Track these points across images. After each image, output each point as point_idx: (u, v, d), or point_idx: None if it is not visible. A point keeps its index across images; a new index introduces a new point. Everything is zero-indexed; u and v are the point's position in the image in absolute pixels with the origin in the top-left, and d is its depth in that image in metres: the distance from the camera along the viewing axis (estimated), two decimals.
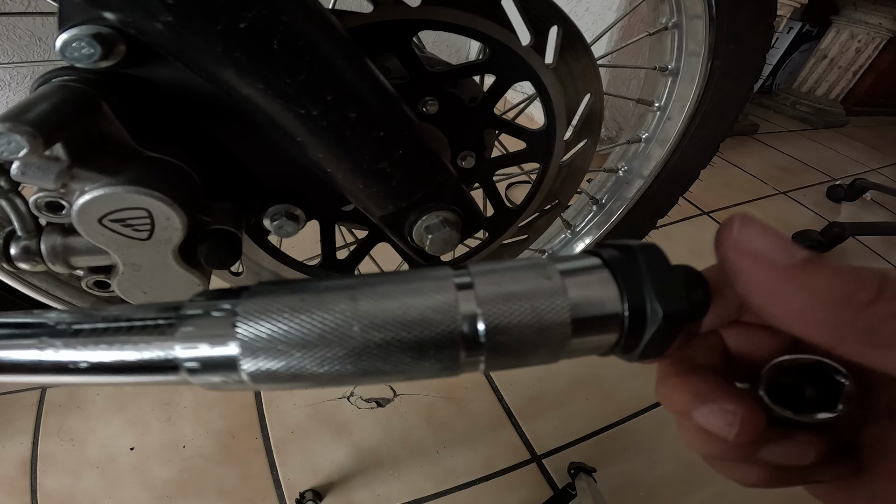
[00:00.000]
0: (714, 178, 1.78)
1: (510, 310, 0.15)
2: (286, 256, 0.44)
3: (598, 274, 0.16)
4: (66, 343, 0.15)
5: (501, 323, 0.15)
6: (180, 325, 0.15)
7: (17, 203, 0.28)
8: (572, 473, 0.75)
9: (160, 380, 0.15)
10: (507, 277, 0.16)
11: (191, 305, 0.16)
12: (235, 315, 0.15)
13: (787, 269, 0.14)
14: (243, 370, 0.14)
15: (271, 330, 0.14)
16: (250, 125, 0.31)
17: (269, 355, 0.14)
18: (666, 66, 0.55)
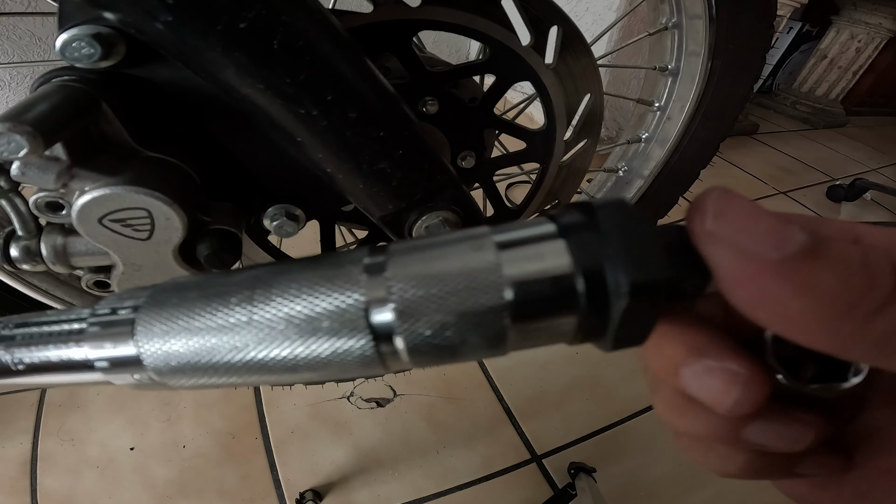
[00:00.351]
0: (714, 178, 1.78)
1: (426, 295, 0.13)
2: (286, 256, 0.44)
3: (548, 244, 0.13)
4: (5, 345, 0.16)
5: (416, 311, 0.13)
6: (90, 327, 0.16)
7: (18, 203, 0.28)
8: (572, 473, 0.75)
9: (85, 378, 0.16)
10: (428, 255, 0.13)
11: (101, 305, 0.16)
12: (137, 312, 0.15)
13: (779, 266, 0.11)
14: (147, 367, 0.15)
15: (166, 327, 0.15)
16: (250, 125, 0.31)
17: (166, 351, 0.15)
18: (666, 66, 0.55)
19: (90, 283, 0.33)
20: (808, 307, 0.11)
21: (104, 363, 0.15)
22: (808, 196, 1.87)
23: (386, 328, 0.13)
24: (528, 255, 0.13)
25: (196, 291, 0.15)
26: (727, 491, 0.76)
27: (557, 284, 0.12)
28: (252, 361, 0.14)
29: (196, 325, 0.14)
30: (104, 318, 0.16)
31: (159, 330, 0.15)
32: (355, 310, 0.13)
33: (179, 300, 0.15)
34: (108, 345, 0.15)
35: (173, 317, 0.15)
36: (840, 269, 0.11)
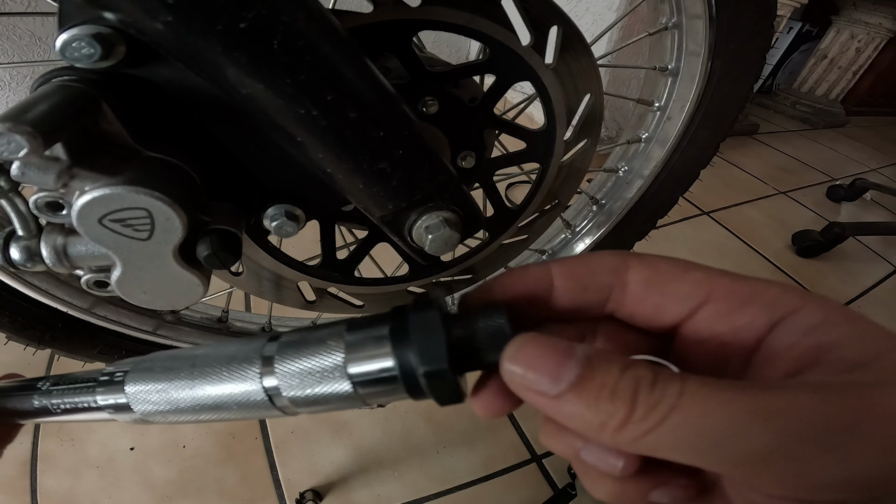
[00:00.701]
0: (714, 178, 1.78)
1: (302, 383, 0.20)
2: (286, 256, 0.44)
3: (379, 345, 0.19)
4: (46, 396, 0.24)
5: (297, 394, 0.20)
6: (97, 387, 0.24)
7: (17, 203, 0.28)
8: (572, 473, 0.75)
9: (99, 417, 0.24)
10: (302, 353, 0.20)
11: (106, 371, 0.24)
12: (125, 376, 0.23)
13: (553, 402, 0.16)
14: (134, 410, 0.23)
15: (142, 385, 0.23)
16: (250, 125, 0.31)
17: (143, 399, 0.23)
18: (666, 66, 0.55)
19: (90, 283, 0.33)
20: (579, 427, 0.16)
21: (109, 408, 0.23)
22: (808, 196, 1.87)
23: (280, 402, 0.21)
24: (366, 353, 0.19)
25: (159, 365, 0.23)
26: None
27: (386, 374, 0.19)
28: (197, 407, 0.22)
29: (159, 384, 0.22)
30: (107, 378, 0.24)
31: (139, 387, 0.23)
32: (255, 375, 0.21)
33: (150, 370, 0.23)
34: (110, 396, 0.23)
35: (146, 379, 0.23)
36: (593, 402, 0.15)
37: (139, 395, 0.23)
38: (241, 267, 0.44)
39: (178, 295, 0.32)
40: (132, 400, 0.23)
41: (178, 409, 0.22)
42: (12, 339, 0.47)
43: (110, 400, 0.23)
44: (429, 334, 0.18)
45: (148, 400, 0.22)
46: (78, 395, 0.24)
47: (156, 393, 0.22)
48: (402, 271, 0.49)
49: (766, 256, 1.43)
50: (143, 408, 0.23)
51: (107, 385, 0.24)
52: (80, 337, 0.50)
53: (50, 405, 0.24)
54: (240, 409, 0.21)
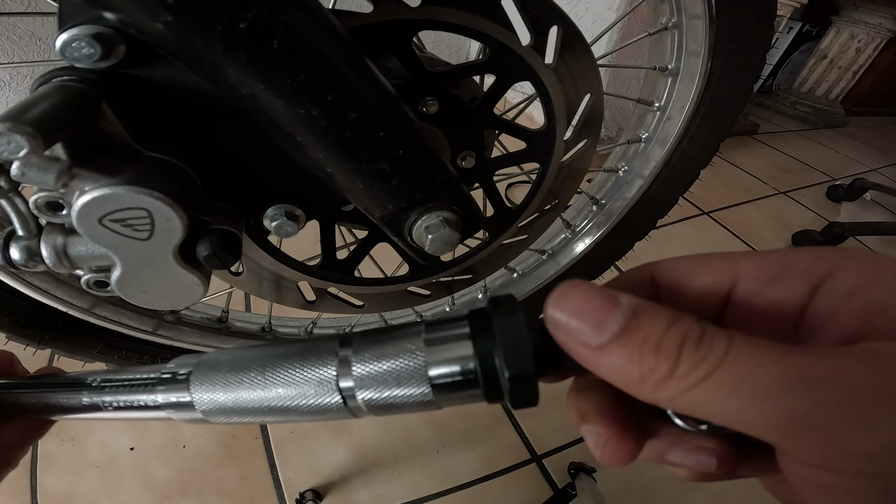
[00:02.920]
0: (714, 178, 1.78)
1: (380, 385, 0.20)
2: (286, 256, 0.44)
3: (461, 348, 0.19)
4: (97, 393, 0.24)
5: (374, 396, 0.20)
6: (158, 384, 0.23)
7: (17, 203, 0.28)
8: (572, 473, 0.75)
9: (154, 416, 0.23)
10: (381, 354, 0.20)
11: (166, 369, 0.24)
12: (190, 374, 0.23)
13: (594, 352, 0.15)
14: (197, 409, 0.22)
15: (210, 384, 0.22)
16: (250, 125, 0.31)
17: (209, 399, 0.22)
18: (666, 66, 0.55)
19: (90, 283, 0.33)
20: (619, 380, 0.15)
21: (170, 407, 0.23)
22: (808, 196, 1.87)
23: (355, 406, 0.20)
24: (446, 355, 0.19)
25: (226, 363, 0.22)
26: (727, 491, 0.76)
27: (465, 376, 0.19)
28: (265, 408, 0.21)
29: (227, 384, 0.22)
30: (170, 376, 0.23)
31: (205, 386, 0.22)
32: (331, 377, 0.20)
33: (216, 369, 0.22)
34: (173, 395, 0.23)
35: (214, 378, 0.22)
36: (636, 355, 0.15)
37: (205, 395, 0.22)
38: (241, 267, 0.44)
39: (178, 295, 0.32)
40: (197, 399, 0.22)
41: (244, 410, 0.21)
42: (12, 338, 0.47)
43: (172, 398, 0.22)
44: (515, 338, 0.18)
45: (215, 400, 0.22)
46: (135, 392, 0.23)
47: (223, 392, 0.21)
48: (402, 271, 0.49)
49: None
50: (208, 407, 0.22)
51: (170, 383, 0.23)
52: (80, 337, 0.50)
53: (101, 402, 0.24)
54: (310, 411, 0.21)
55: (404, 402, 0.20)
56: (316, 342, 0.22)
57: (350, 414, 0.21)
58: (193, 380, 0.22)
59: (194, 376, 0.22)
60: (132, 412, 0.24)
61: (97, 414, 0.24)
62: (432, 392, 0.19)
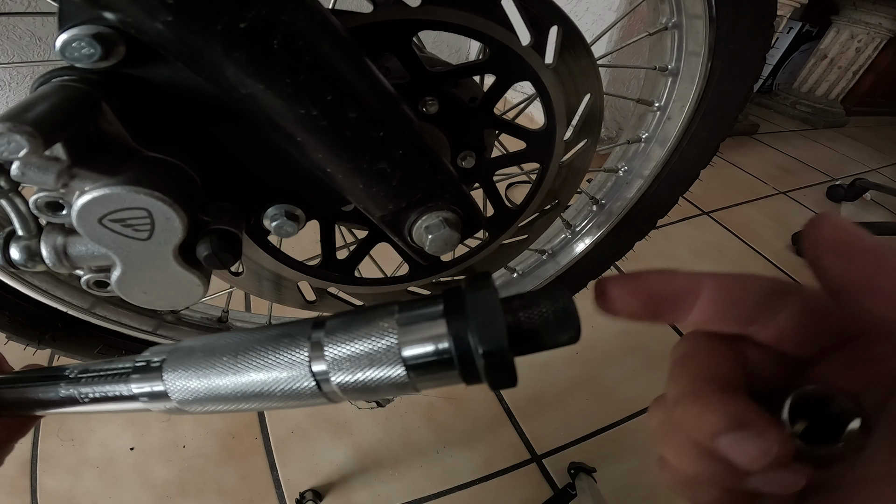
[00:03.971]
0: (714, 178, 1.78)
1: (353, 368, 0.19)
2: (286, 256, 0.44)
3: (434, 326, 0.18)
4: (72, 385, 0.23)
5: (347, 379, 0.19)
6: (132, 373, 0.23)
7: (17, 203, 0.28)
8: (572, 473, 0.75)
9: (131, 407, 0.23)
10: (353, 336, 0.19)
11: (140, 358, 0.23)
12: (163, 362, 0.22)
13: (882, 253, 0.15)
14: (172, 398, 0.22)
15: (182, 372, 0.21)
16: (250, 125, 0.31)
17: (182, 387, 0.21)
18: (666, 66, 0.55)
19: (90, 283, 0.33)
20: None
21: (144, 396, 0.22)
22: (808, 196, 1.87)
23: (328, 389, 0.20)
24: (420, 334, 0.18)
25: (199, 350, 0.22)
26: None
27: (440, 356, 0.18)
28: (239, 395, 0.21)
29: (200, 371, 0.21)
30: (143, 365, 0.22)
31: (178, 373, 0.21)
32: (303, 360, 0.20)
33: (189, 356, 0.22)
34: (146, 384, 0.22)
35: (186, 365, 0.21)
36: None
37: (178, 383, 0.21)
38: (241, 267, 0.44)
39: (178, 295, 0.32)
40: (171, 387, 0.21)
41: (218, 397, 0.21)
42: (12, 338, 0.47)
43: (146, 388, 0.22)
44: (487, 313, 0.17)
45: (188, 388, 0.21)
46: (110, 382, 0.23)
47: (196, 379, 0.21)
48: (402, 271, 0.49)
49: (766, 256, 1.43)
50: (182, 396, 0.21)
51: (143, 372, 0.22)
52: (80, 337, 0.50)
53: (78, 394, 0.23)
54: (284, 396, 0.20)
55: (379, 384, 0.19)
56: (291, 325, 0.21)
57: (326, 399, 0.20)
58: (167, 367, 0.22)
59: (167, 364, 0.22)
60: (108, 404, 0.23)
61: (75, 408, 0.23)
62: (407, 374, 0.18)
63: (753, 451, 0.15)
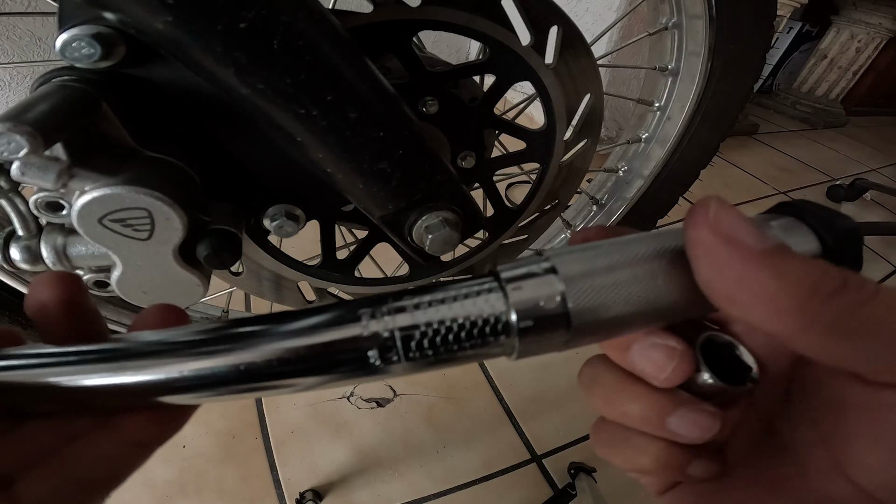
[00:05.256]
0: (714, 178, 1.78)
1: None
2: (286, 256, 0.44)
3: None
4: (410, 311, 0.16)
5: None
6: (509, 284, 0.16)
7: (17, 203, 0.28)
8: (572, 473, 0.75)
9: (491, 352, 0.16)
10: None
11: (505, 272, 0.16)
12: (555, 266, 0.16)
13: (761, 255, 0.14)
14: (575, 324, 0.16)
15: (593, 283, 0.16)
16: (250, 125, 0.31)
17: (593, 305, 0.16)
18: (666, 66, 0.55)
19: (90, 283, 0.33)
20: (778, 290, 0.14)
21: (530, 327, 0.15)
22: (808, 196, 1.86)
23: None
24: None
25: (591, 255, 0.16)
26: None
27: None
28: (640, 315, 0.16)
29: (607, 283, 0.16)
30: (523, 273, 0.16)
31: (586, 284, 0.16)
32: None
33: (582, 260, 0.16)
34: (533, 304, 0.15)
35: (588, 272, 0.16)
36: (804, 264, 0.14)
37: (587, 300, 0.15)
38: (241, 267, 0.44)
39: (178, 295, 0.32)
40: (579, 304, 0.15)
41: (620, 320, 0.16)
42: None
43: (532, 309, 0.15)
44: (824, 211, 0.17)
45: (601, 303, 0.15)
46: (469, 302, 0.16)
47: (607, 293, 0.15)
48: (402, 271, 0.49)
49: None
50: (588, 316, 0.15)
51: (524, 278, 0.16)
52: None
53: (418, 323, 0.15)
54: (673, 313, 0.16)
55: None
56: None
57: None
58: (565, 275, 0.15)
59: (561, 265, 0.16)
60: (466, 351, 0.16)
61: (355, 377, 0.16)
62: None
63: (660, 355, 0.17)
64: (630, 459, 0.19)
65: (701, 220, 0.15)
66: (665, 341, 0.17)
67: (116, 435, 0.18)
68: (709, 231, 0.15)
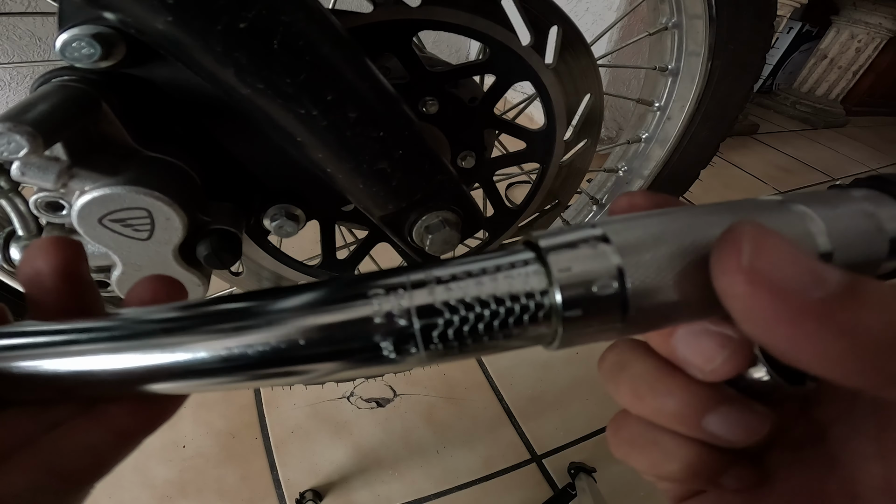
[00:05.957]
0: (714, 178, 1.78)
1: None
2: (286, 256, 0.44)
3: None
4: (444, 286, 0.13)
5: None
6: (551, 251, 0.13)
7: (18, 203, 0.28)
8: (572, 473, 0.75)
9: (536, 333, 0.13)
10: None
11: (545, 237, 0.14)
12: (608, 240, 0.13)
13: (820, 305, 0.11)
14: (631, 308, 0.13)
15: (655, 256, 0.13)
16: (250, 125, 0.31)
17: (656, 285, 0.13)
18: (666, 66, 0.55)
19: None
20: (851, 347, 0.11)
21: (576, 303, 0.13)
22: None
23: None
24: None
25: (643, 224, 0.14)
26: None
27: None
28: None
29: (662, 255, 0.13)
30: (575, 239, 0.13)
31: (642, 248, 0.13)
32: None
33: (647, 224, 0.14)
34: (581, 270, 0.13)
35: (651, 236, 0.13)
36: (879, 309, 0.11)
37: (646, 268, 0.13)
38: (242, 267, 0.44)
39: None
40: (637, 273, 0.13)
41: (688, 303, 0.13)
42: None
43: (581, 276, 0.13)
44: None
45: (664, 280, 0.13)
46: (501, 277, 0.13)
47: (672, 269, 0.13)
48: None
49: None
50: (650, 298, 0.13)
51: (571, 247, 0.13)
52: None
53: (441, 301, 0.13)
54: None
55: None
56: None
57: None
58: (620, 245, 0.13)
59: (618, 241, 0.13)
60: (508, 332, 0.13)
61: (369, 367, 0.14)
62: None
63: (711, 343, 0.14)
64: (656, 465, 0.16)
65: (733, 268, 0.12)
66: (719, 328, 0.14)
67: (101, 423, 0.17)
68: (745, 283, 0.11)
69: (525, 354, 0.91)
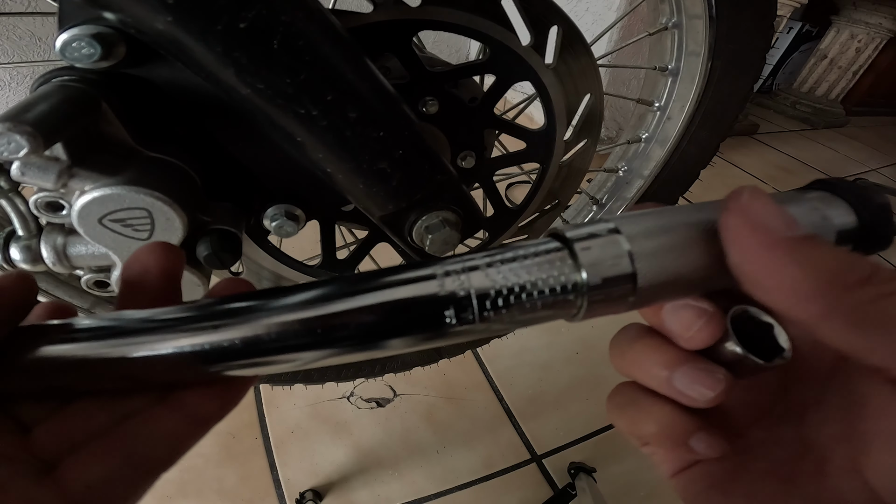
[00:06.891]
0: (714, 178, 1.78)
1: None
2: (286, 256, 0.44)
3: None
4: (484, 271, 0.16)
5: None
6: (577, 241, 0.16)
7: (17, 203, 0.28)
8: (572, 473, 0.75)
9: (558, 314, 0.16)
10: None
11: (571, 230, 0.17)
12: (619, 232, 0.16)
13: (786, 242, 0.14)
14: (640, 284, 0.16)
15: (656, 243, 0.16)
16: (250, 125, 0.31)
17: (659, 266, 0.16)
18: (666, 66, 0.55)
19: (90, 284, 0.33)
20: (801, 276, 0.14)
21: (597, 281, 0.16)
22: None
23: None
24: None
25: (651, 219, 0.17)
26: None
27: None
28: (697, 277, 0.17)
29: (668, 244, 0.16)
30: (588, 234, 0.16)
31: (646, 237, 0.16)
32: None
33: (649, 218, 0.17)
34: (600, 254, 0.16)
35: (649, 232, 0.16)
36: (830, 253, 0.14)
37: (650, 252, 0.16)
38: (241, 267, 0.44)
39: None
40: (643, 256, 0.16)
41: (684, 280, 0.16)
42: None
43: (599, 268, 0.16)
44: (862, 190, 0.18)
45: (664, 262, 0.16)
46: (540, 260, 0.16)
47: (671, 252, 0.16)
48: None
49: None
50: (654, 276, 0.16)
51: (589, 238, 0.16)
52: None
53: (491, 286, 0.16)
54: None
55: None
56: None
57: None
58: (629, 235, 0.16)
59: (627, 232, 0.16)
60: (534, 311, 0.16)
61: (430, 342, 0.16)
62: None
63: (690, 314, 0.17)
64: (634, 422, 0.19)
65: (733, 207, 0.16)
66: (697, 303, 0.17)
67: (178, 410, 0.17)
68: (739, 217, 0.15)
69: (525, 355, 0.91)
